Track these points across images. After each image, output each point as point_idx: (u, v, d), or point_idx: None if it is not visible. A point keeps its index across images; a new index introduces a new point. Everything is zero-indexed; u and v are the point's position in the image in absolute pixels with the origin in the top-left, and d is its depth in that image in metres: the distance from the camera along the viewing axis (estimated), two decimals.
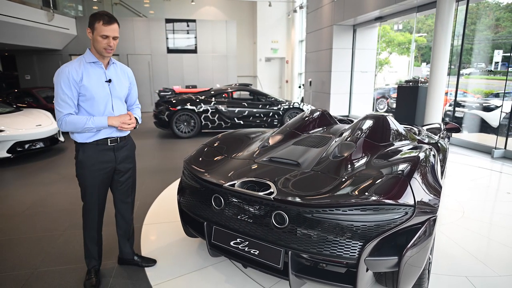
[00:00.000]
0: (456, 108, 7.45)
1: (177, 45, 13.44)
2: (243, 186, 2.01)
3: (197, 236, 2.43)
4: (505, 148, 5.96)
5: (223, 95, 8.19)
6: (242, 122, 8.09)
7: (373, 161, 2.19)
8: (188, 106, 7.72)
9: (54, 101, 2.07)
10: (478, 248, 2.81)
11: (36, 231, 3.13)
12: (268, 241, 1.89)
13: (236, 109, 8.02)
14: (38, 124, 5.94)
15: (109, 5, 14.37)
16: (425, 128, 3.97)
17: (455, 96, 7.13)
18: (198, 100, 7.86)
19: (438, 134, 3.73)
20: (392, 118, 2.89)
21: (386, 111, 12.32)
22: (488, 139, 7.20)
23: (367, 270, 1.74)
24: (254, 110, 8.14)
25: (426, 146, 2.38)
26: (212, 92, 8.17)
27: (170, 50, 13.33)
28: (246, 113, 8.09)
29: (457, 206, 3.70)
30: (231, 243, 2.03)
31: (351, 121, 3.88)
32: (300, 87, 15.34)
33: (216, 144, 2.79)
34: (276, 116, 8.28)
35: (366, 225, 1.70)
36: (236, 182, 2.03)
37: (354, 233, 1.72)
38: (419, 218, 1.75)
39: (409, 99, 7.58)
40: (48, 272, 2.48)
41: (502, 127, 6.91)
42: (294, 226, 1.83)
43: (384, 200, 1.68)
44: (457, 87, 7.04)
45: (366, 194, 1.73)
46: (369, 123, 2.72)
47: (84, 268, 2.45)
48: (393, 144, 2.55)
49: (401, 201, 1.69)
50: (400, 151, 2.31)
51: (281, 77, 17.09)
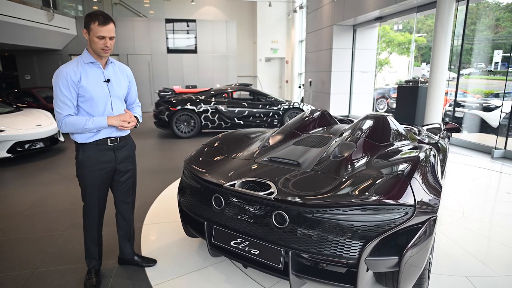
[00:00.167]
0: (456, 108, 7.45)
1: (177, 45, 13.44)
2: (244, 186, 2.01)
3: (197, 236, 2.43)
4: (505, 148, 5.96)
5: (223, 95, 8.19)
6: (242, 122, 8.09)
7: (373, 161, 2.19)
8: (188, 106, 7.72)
9: (54, 103, 2.06)
10: (478, 248, 2.81)
11: (36, 231, 3.13)
12: (269, 241, 1.89)
13: (236, 109, 8.02)
14: (38, 124, 5.94)
15: (109, 5, 14.37)
16: (425, 128, 3.97)
17: (455, 96, 7.13)
18: (198, 100, 7.86)
19: (438, 134, 3.73)
20: (392, 118, 2.89)
21: (386, 111, 12.31)
22: (488, 139, 7.20)
23: (368, 270, 1.74)
24: (254, 110, 8.14)
25: (426, 146, 2.38)
26: (212, 92, 8.17)
27: (170, 50, 13.32)
28: (246, 113, 8.09)
29: (457, 206, 3.70)
30: (232, 243, 2.03)
31: (351, 121, 3.88)
32: (300, 87, 15.34)
33: (216, 144, 2.79)
34: (276, 116, 8.28)
35: (367, 225, 1.70)
36: (237, 182, 2.03)
37: (355, 233, 1.72)
38: (419, 218, 1.75)
39: (409, 99, 7.58)
40: (48, 272, 2.48)
41: (502, 127, 6.92)
42: (295, 226, 1.83)
43: (385, 200, 1.68)
44: (457, 87, 7.04)
45: (367, 194, 1.73)
46: (369, 123, 2.72)
47: (84, 268, 2.45)
48: (393, 144, 2.56)
49: (402, 201, 1.69)
50: (400, 151, 2.31)
51: (281, 77, 17.09)
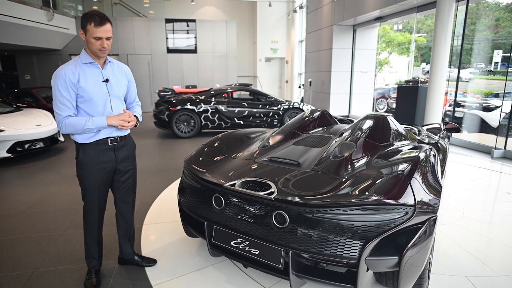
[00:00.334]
0: (456, 108, 7.46)
1: (177, 45, 13.44)
2: (244, 186, 2.02)
3: (198, 236, 2.44)
4: (505, 148, 5.96)
5: (223, 95, 8.19)
6: (242, 122, 8.09)
7: (374, 161, 2.19)
8: (188, 106, 7.72)
9: (53, 104, 2.06)
10: (478, 248, 2.81)
11: (36, 231, 3.13)
12: (269, 241, 1.89)
13: (236, 109, 8.02)
14: (38, 124, 5.94)
15: (109, 5, 14.37)
16: (425, 128, 3.97)
17: (455, 96, 7.14)
18: (198, 100, 7.86)
19: (438, 134, 3.73)
20: (392, 118, 2.90)
21: (386, 111, 12.31)
22: (488, 139, 7.21)
23: (368, 270, 1.74)
24: (254, 110, 8.14)
25: (426, 146, 2.38)
26: (212, 92, 8.17)
27: (170, 50, 13.33)
28: (246, 113, 8.09)
29: (457, 206, 3.70)
30: (232, 243, 2.03)
31: (351, 121, 3.88)
32: (300, 87, 15.34)
33: (216, 144, 2.79)
34: (276, 116, 8.28)
35: (367, 225, 1.70)
36: (237, 182, 2.03)
37: (355, 233, 1.72)
38: (420, 218, 1.75)
39: (409, 99, 7.58)
40: (48, 272, 2.48)
41: (502, 127, 6.92)
42: (295, 226, 1.83)
43: (385, 200, 1.68)
44: (457, 87, 7.05)
45: (367, 194, 1.73)
46: (369, 123, 2.73)
47: (84, 268, 2.45)
48: (393, 144, 2.56)
49: (402, 201, 1.70)
50: (400, 151, 2.31)
51: (281, 77, 17.09)
